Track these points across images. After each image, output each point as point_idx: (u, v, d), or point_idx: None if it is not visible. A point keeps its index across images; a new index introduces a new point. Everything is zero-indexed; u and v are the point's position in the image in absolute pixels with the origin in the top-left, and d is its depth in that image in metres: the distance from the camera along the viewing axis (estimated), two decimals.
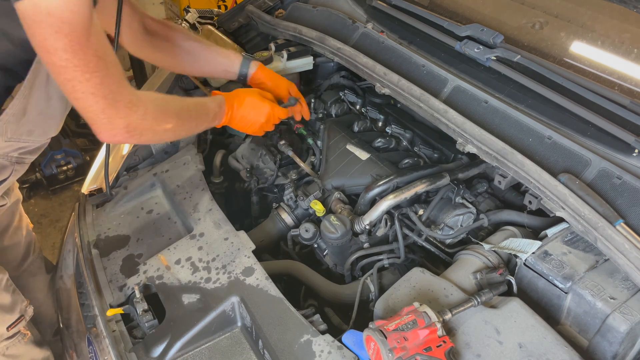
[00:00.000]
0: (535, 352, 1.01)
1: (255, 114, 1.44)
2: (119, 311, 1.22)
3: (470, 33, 1.46)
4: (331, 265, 1.48)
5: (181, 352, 1.14)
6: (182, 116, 1.24)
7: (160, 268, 1.30)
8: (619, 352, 1.04)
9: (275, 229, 1.54)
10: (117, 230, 1.47)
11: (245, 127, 1.47)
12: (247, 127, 1.47)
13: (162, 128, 1.18)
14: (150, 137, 1.17)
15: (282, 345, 1.09)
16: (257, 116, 1.45)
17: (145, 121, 1.11)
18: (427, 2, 1.82)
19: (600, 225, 1.06)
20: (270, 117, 1.47)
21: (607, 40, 1.45)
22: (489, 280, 1.19)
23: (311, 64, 1.95)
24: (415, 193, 1.40)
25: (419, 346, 0.97)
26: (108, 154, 1.54)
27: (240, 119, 1.44)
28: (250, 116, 1.44)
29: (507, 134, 1.29)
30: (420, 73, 1.51)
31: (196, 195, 1.49)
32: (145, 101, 1.11)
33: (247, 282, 1.22)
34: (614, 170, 1.13)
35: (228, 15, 2.09)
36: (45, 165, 3.56)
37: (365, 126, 1.76)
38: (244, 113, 1.43)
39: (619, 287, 1.08)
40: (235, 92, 1.45)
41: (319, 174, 1.61)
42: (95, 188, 1.65)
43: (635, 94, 1.25)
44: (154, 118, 1.13)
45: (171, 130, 1.21)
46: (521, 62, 1.35)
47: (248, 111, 1.43)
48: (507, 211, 1.41)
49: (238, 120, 1.44)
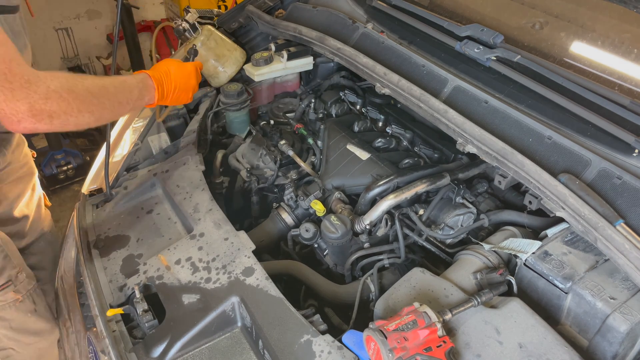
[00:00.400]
0: (535, 352, 1.01)
1: (186, 79, 1.41)
2: (119, 311, 1.22)
3: (471, 33, 1.46)
4: (331, 265, 1.48)
5: (181, 352, 1.14)
6: (99, 96, 1.14)
7: (161, 268, 1.30)
8: (619, 352, 1.04)
9: (275, 229, 1.54)
10: (117, 230, 1.47)
11: (180, 98, 1.43)
12: (182, 97, 1.43)
13: (75, 109, 1.07)
14: (64, 121, 1.06)
15: (282, 346, 1.09)
16: (188, 80, 1.42)
17: (50, 102, 1.01)
18: (427, 2, 1.82)
19: (600, 225, 1.06)
20: (198, 74, 1.47)
21: (607, 41, 1.45)
22: (489, 281, 1.19)
23: (311, 64, 1.95)
24: (416, 193, 1.40)
25: (419, 346, 0.97)
26: (108, 154, 1.54)
27: (174, 91, 1.39)
28: (182, 84, 1.40)
29: (507, 134, 1.29)
30: (420, 73, 1.51)
31: (196, 195, 1.49)
32: (46, 80, 1.02)
33: (247, 282, 1.22)
34: (614, 170, 1.13)
35: (228, 15, 2.10)
36: (45, 165, 3.57)
37: (366, 126, 1.76)
38: (176, 83, 1.39)
39: (619, 287, 1.08)
40: (157, 67, 1.39)
41: (319, 173, 1.61)
42: (95, 188, 1.65)
43: (635, 94, 1.25)
44: (61, 98, 1.03)
45: (89, 112, 1.11)
46: (521, 62, 1.35)
47: (179, 80, 1.39)
48: (507, 211, 1.41)
49: (172, 93, 1.39)
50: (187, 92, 1.44)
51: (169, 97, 1.40)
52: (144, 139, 1.75)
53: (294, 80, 2.05)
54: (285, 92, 2.07)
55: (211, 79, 1.94)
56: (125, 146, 1.76)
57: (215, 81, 1.93)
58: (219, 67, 1.89)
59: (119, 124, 1.87)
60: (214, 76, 1.92)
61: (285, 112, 1.96)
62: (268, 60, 1.88)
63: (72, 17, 4.11)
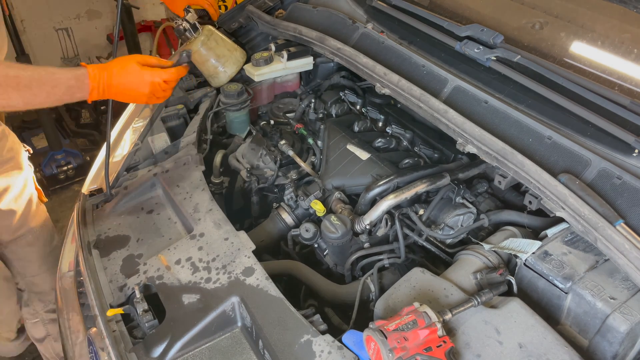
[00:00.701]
0: (535, 352, 1.01)
1: (134, 84, 1.35)
2: (119, 311, 1.22)
3: (470, 33, 1.46)
4: (331, 265, 1.48)
5: (181, 352, 1.14)
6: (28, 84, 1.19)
7: (161, 268, 1.30)
8: (619, 352, 1.04)
9: (275, 229, 1.54)
10: (117, 230, 1.47)
11: (128, 98, 1.39)
12: (131, 98, 1.39)
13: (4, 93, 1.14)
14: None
15: (282, 346, 1.09)
16: (137, 86, 1.35)
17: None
18: (427, 2, 1.82)
19: (600, 225, 1.06)
20: (156, 86, 1.38)
21: (607, 41, 1.45)
22: (489, 280, 1.19)
23: (311, 64, 1.95)
24: (416, 193, 1.40)
25: (419, 346, 0.97)
26: (108, 154, 1.54)
27: (118, 91, 1.35)
28: (128, 86, 1.35)
29: (507, 134, 1.29)
30: (420, 73, 1.51)
31: (196, 196, 1.49)
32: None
33: (247, 282, 1.22)
34: (614, 170, 1.13)
35: (228, 15, 2.10)
36: (45, 165, 3.57)
37: (366, 126, 1.76)
38: (120, 83, 1.33)
39: (619, 287, 1.08)
40: (111, 62, 1.36)
41: (319, 173, 1.61)
42: (95, 188, 1.65)
43: (635, 94, 1.25)
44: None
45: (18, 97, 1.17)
46: (521, 62, 1.35)
47: (125, 81, 1.34)
48: (507, 211, 1.41)
49: (115, 92, 1.35)
50: (136, 97, 1.39)
51: (111, 95, 1.36)
52: (144, 139, 1.75)
53: (294, 80, 2.05)
54: (285, 92, 2.07)
55: (211, 78, 1.94)
56: (125, 146, 1.76)
57: (216, 81, 1.93)
58: (219, 67, 1.89)
59: (119, 124, 1.87)
60: (214, 76, 1.92)
61: (285, 112, 1.96)
62: (268, 60, 1.88)
63: (72, 17, 4.11)
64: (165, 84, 1.41)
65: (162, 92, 1.43)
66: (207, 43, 1.85)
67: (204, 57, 1.86)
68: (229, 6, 4.07)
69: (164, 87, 1.42)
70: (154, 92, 1.40)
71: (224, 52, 1.89)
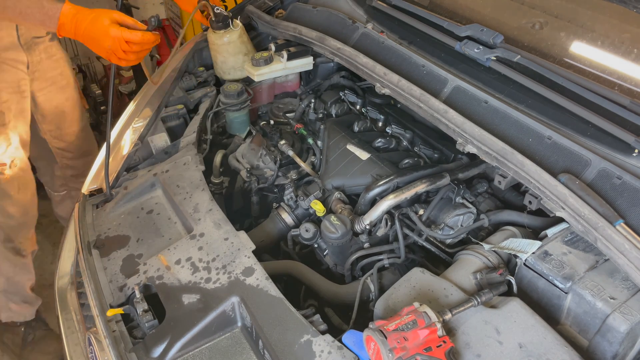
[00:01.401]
0: (535, 352, 1.01)
1: (98, 33, 1.41)
2: (119, 311, 1.22)
3: (470, 33, 1.46)
4: (331, 265, 1.48)
5: (181, 352, 1.14)
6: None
7: (161, 268, 1.30)
8: (619, 352, 1.04)
9: (275, 229, 1.55)
10: (117, 231, 1.47)
11: (93, 48, 1.45)
12: (95, 48, 1.45)
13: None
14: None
15: (282, 346, 1.09)
16: (100, 37, 1.42)
17: None
18: (427, 2, 1.82)
19: (600, 225, 1.06)
20: (117, 43, 1.41)
21: (607, 40, 1.45)
22: (489, 280, 1.19)
23: (311, 64, 1.95)
24: (416, 193, 1.40)
25: (419, 346, 0.97)
26: (108, 154, 1.54)
27: (85, 37, 1.43)
28: (93, 35, 1.42)
29: (507, 134, 1.29)
30: (420, 73, 1.52)
31: (196, 196, 1.49)
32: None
33: (247, 282, 1.22)
34: (614, 170, 1.13)
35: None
36: None
37: (366, 126, 1.76)
38: (87, 29, 1.42)
39: (619, 287, 1.08)
40: (89, 9, 1.45)
41: (319, 174, 1.61)
42: (95, 188, 1.65)
43: (635, 94, 1.25)
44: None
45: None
46: (521, 62, 1.35)
47: (92, 28, 1.41)
48: (507, 211, 1.41)
49: (82, 36, 1.44)
50: (99, 48, 1.44)
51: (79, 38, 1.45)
52: (144, 139, 1.75)
53: (294, 80, 2.05)
54: (285, 92, 2.07)
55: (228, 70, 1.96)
56: (125, 146, 1.76)
57: (229, 75, 1.97)
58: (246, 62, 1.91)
59: (119, 124, 1.87)
60: (233, 69, 1.96)
61: (285, 112, 1.96)
62: (268, 60, 1.88)
63: None
64: (127, 44, 1.43)
65: (122, 53, 1.44)
66: (242, 36, 1.91)
67: (237, 49, 1.90)
68: (229, 7, 4.06)
69: (124, 48, 1.43)
70: (114, 49, 1.43)
71: (250, 49, 1.96)
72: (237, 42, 1.90)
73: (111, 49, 1.43)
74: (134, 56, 1.47)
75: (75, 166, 2.42)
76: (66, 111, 2.27)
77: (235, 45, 1.90)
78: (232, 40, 1.89)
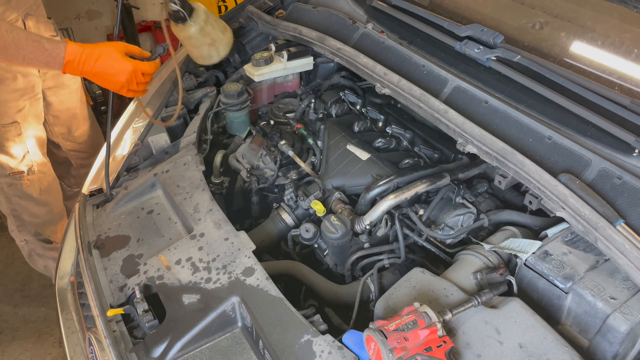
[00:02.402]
0: (536, 352, 1.01)
1: (114, 69, 1.38)
2: (119, 311, 1.22)
3: (471, 33, 1.46)
4: (331, 266, 1.48)
5: (181, 352, 1.14)
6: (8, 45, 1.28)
7: (161, 268, 1.30)
8: (619, 352, 1.04)
9: (275, 229, 1.54)
10: (117, 231, 1.47)
11: (105, 84, 1.42)
12: (107, 84, 1.42)
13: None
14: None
15: (282, 346, 1.09)
16: (116, 72, 1.38)
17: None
18: (427, 2, 1.82)
19: (601, 225, 1.06)
20: (133, 76, 1.40)
21: (607, 40, 1.45)
22: (490, 281, 1.19)
23: (311, 64, 1.95)
24: (416, 193, 1.40)
25: (420, 346, 0.97)
26: (108, 154, 1.54)
27: (96, 74, 1.38)
28: (108, 71, 1.38)
29: (507, 134, 1.29)
30: (420, 73, 1.51)
31: (196, 196, 1.49)
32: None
33: (248, 282, 1.22)
34: (614, 170, 1.13)
35: (228, 16, 2.10)
36: None
37: (366, 126, 1.76)
38: (100, 68, 1.37)
39: (619, 287, 1.08)
40: (96, 44, 1.40)
41: (319, 174, 1.61)
42: (96, 188, 1.65)
43: (635, 94, 1.25)
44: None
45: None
46: (521, 62, 1.35)
47: (104, 66, 1.37)
48: (508, 211, 1.41)
49: (93, 75, 1.39)
50: (112, 84, 1.41)
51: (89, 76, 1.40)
52: (144, 139, 1.75)
53: (294, 80, 2.05)
54: (285, 92, 2.07)
55: (202, 60, 1.94)
56: (125, 146, 1.76)
57: (206, 61, 1.95)
58: (213, 51, 1.89)
59: (119, 124, 1.87)
60: (206, 58, 1.93)
61: (285, 112, 1.96)
62: (268, 61, 1.88)
63: (72, 17, 4.11)
64: (142, 76, 1.43)
65: (135, 85, 1.44)
66: (205, 28, 1.83)
67: (199, 41, 1.85)
68: (229, 7, 4.06)
69: (140, 80, 1.43)
70: (130, 82, 1.41)
71: (219, 36, 1.88)
72: (198, 35, 1.83)
73: (127, 83, 1.41)
74: (144, 87, 1.47)
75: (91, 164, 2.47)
76: (77, 112, 2.30)
77: (196, 39, 1.84)
78: (192, 35, 1.82)
